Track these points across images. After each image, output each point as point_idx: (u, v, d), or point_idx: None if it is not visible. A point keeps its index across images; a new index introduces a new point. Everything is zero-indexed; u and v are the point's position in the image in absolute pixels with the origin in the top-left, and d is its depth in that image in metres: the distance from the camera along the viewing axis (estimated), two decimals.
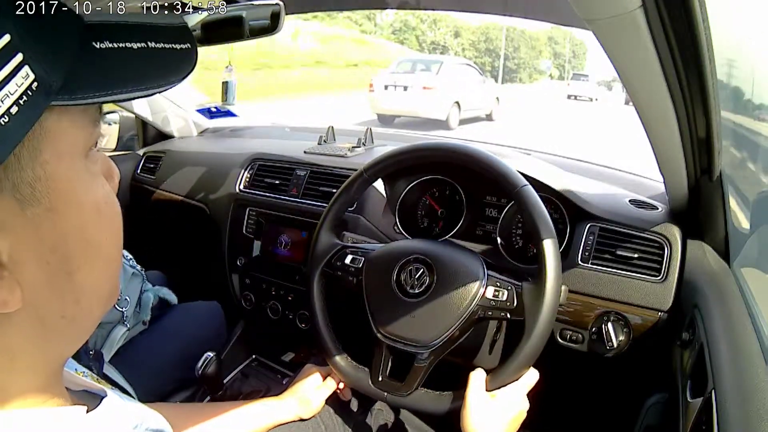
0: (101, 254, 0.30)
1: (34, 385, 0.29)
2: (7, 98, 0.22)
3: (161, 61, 0.29)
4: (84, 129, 0.28)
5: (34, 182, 0.25)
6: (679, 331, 0.70)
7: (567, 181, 0.89)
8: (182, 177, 1.35)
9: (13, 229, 0.25)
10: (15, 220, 0.25)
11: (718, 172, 0.70)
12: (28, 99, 0.23)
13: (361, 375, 0.72)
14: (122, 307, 0.98)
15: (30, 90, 0.23)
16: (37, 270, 0.27)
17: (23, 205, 0.25)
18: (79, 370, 0.39)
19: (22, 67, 0.23)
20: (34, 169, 0.25)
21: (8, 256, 0.25)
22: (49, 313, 0.28)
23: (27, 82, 0.23)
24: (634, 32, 0.41)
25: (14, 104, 0.22)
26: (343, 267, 0.77)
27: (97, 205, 0.29)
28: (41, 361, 0.29)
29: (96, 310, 0.32)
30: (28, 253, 0.26)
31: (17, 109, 0.23)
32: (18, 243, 0.25)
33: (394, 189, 1.00)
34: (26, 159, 0.25)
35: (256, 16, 0.84)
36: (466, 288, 0.67)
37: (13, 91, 0.22)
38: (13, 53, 0.22)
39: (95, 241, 0.29)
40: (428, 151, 0.78)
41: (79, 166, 0.28)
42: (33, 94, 0.23)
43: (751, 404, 0.46)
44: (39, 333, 0.28)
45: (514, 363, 0.64)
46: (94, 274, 0.30)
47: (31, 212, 0.25)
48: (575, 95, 20.03)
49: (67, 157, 0.27)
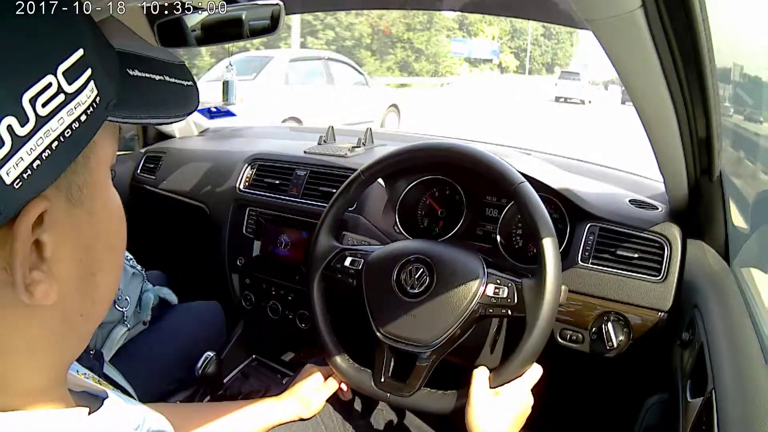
0: (117, 258, 0.33)
1: (41, 385, 0.29)
2: (79, 107, 0.25)
3: (176, 94, 0.33)
4: (114, 144, 0.31)
5: (82, 186, 0.28)
6: (679, 331, 0.70)
7: (567, 181, 0.89)
8: (182, 177, 1.35)
9: (61, 226, 0.27)
10: (63, 219, 0.27)
11: (718, 172, 0.70)
12: (94, 110, 0.26)
13: (363, 376, 0.72)
14: (122, 307, 0.98)
15: (95, 103, 0.26)
16: (71, 268, 0.28)
17: (71, 206, 0.27)
18: (81, 372, 0.39)
19: (90, 81, 0.26)
20: (84, 175, 0.28)
21: (51, 252, 0.26)
22: (71, 311, 0.29)
23: (93, 95, 0.26)
24: (634, 32, 0.41)
25: (84, 113, 0.25)
26: (343, 269, 0.76)
27: (119, 213, 0.32)
28: (56, 359, 0.30)
29: (104, 311, 0.33)
30: (66, 251, 0.28)
31: (85, 118, 0.26)
32: (61, 240, 0.27)
33: (394, 189, 1.00)
34: (81, 164, 0.27)
35: (256, 16, 0.84)
36: (467, 286, 0.67)
37: (84, 102, 0.25)
38: (85, 68, 0.25)
39: (117, 246, 0.32)
40: (426, 151, 0.78)
41: (108, 176, 0.31)
42: (97, 106, 0.26)
43: (751, 404, 0.46)
44: (60, 329, 0.29)
45: (516, 359, 0.64)
46: (109, 277, 0.32)
47: (75, 213, 0.28)
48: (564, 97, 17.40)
49: (104, 166, 0.30)
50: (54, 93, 0.24)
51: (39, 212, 0.24)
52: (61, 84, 0.24)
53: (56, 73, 0.24)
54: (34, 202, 0.24)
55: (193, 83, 0.34)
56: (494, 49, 31.67)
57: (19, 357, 0.28)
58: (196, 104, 0.34)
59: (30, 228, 0.24)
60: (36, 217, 0.25)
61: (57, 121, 0.24)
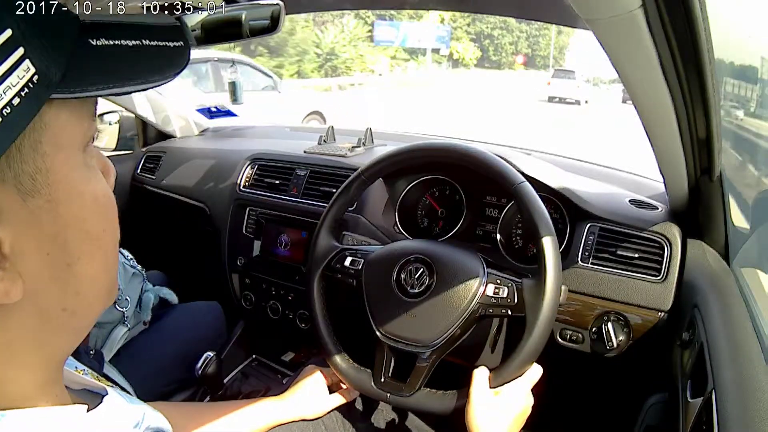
0: (100, 246, 0.31)
1: (34, 383, 0.29)
2: (9, 90, 0.23)
3: (155, 58, 0.30)
4: (81, 123, 0.28)
5: (35, 174, 0.26)
6: (679, 331, 0.70)
7: (567, 181, 0.89)
8: (182, 177, 1.35)
9: (15, 220, 0.25)
10: (17, 211, 0.25)
11: (718, 172, 0.70)
12: (29, 91, 0.24)
13: (363, 376, 0.72)
14: (123, 307, 0.98)
15: (31, 83, 0.24)
16: (38, 261, 0.27)
17: (24, 197, 0.26)
18: (80, 368, 0.39)
19: (23, 60, 0.24)
20: (35, 161, 0.26)
21: (10, 247, 0.25)
22: (50, 306, 0.28)
23: (28, 75, 0.24)
24: (634, 32, 0.41)
25: (16, 96, 0.23)
26: (343, 269, 0.76)
27: (96, 197, 0.30)
28: (42, 357, 0.29)
29: (96, 304, 0.32)
30: (29, 244, 0.26)
31: (19, 101, 0.23)
32: (19, 234, 0.26)
33: (395, 189, 1.01)
34: (27, 151, 0.25)
35: (256, 16, 0.84)
36: (467, 286, 0.67)
37: (15, 83, 0.23)
38: (14, 47, 0.23)
39: (94, 233, 0.30)
40: (426, 151, 0.78)
41: (77, 159, 0.29)
42: (34, 86, 0.24)
43: (751, 404, 0.46)
44: (39, 326, 0.28)
45: (516, 359, 0.64)
46: (93, 266, 0.30)
47: (32, 203, 0.26)
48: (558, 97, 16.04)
49: (66, 149, 0.28)
50: None
51: None
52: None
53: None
54: None
55: (183, 42, 0.31)
56: (441, 35, 24.51)
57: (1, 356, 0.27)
58: (182, 64, 0.31)
59: None
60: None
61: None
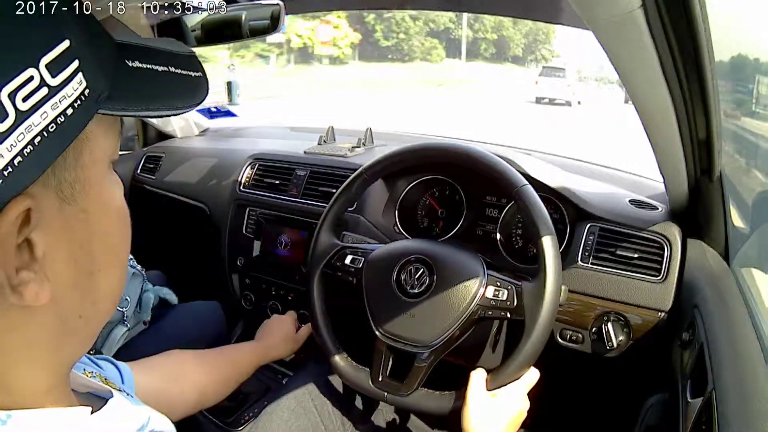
0: (119, 258, 0.32)
1: (44, 385, 0.29)
2: (65, 99, 0.24)
3: (182, 85, 0.32)
4: (113, 140, 0.30)
5: (74, 183, 0.27)
6: (679, 331, 0.70)
7: (567, 181, 0.89)
8: (182, 177, 1.35)
9: (52, 225, 0.26)
10: (54, 217, 0.26)
11: (718, 172, 0.70)
12: (82, 103, 0.25)
13: (361, 375, 0.72)
14: (123, 307, 0.98)
15: (83, 95, 0.25)
16: (66, 267, 0.28)
17: (62, 204, 0.26)
18: (88, 370, 0.39)
19: (78, 73, 0.25)
20: (76, 171, 0.27)
21: (43, 252, 0.26)
22: (70, 312, 0.29)
23: (81, 87, 0.25)
24: (634, 32, 0.41)
25: (70, 106, 0.24)
26: (343, 267, 0.77)
27: (119, 211, 0.32)
28: (55, 360, 0.30)
29: (107, 313, 0.33)
30: (59, 250, 0.27)
31: (72, 111, 0.24)
32: (53, 239, 0.26)
33: (395, 189, 1.01)
34: (71, 160, 0.26)
35: (256, 16, 0.84)
36: (466, 288, 0.67)
37: (70, 94, 0.24)
38: (71, 59, 0.24)
39: (116, 246, 0.31)
40: (428, 151, 0.78)
41: (107, 173, 0.30)
42: (85, 99, 0.25)
43: (751, 404, 0.46)
44: (58, 331, 0.29)
45: (514, 362, 0.64)
46: (111, 278, 0.31)
47: (68, 211, 0.27)
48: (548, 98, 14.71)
49: (100, 163, 0.29)
50: (36, 86, 0.23)
51: (21, 210, 0.24)
52: (44, 77, 0.23)
53: (38, 65, 0.23)
54: (16, 200, 0.23)
55: (202, 74, 0.33)
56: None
57: (17, 357, 0.27)
58: (203, 95, 0.32)
59: (14, 227, 0.24)
60: (21, 216, 0.24)
61: (40, 116, 0.23)
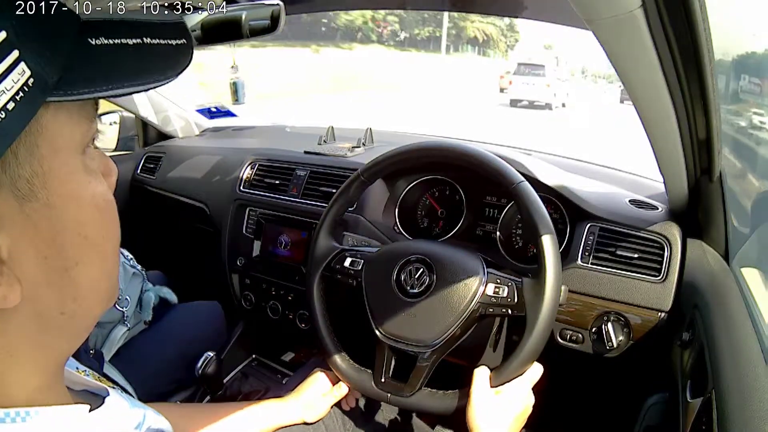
0: (99, 251, 0.30)
1: (35, 384, 0.29)
2: (3, 94, 0.22)
3: (158, 57, 0.29)
4: (80, 125, 0.28)
5: (31, 178, 0.25)
6: (679, 331, 0.70)
7: (567, 181, 0.89)
8: (182, 177, 1.35)
9: (12, 225, 0.25)
10: (14, 217, 0.25)
11: (718, 172, 0.70)
12: (25, 95, 0.23)
13: (363, 377, 0.72)
14: (123, 306, 0.98)
15: (26, 86, 0.23)
16: (36, 266, 0.27)
17: (21, 202, 0.25)
18: (81, 369, 0.39)
19: (18, 63, 0.23)
20: (32, 165, 0.25)
21: (7, 252, 0.25)
22: (48, 310, 0.28)
23: (23, 78, 0.23)
24: (634, 32, 0.41)
25: (10, 100, 0.23)
26: (343, 270, 0.76)
27: (95, 201, 0.29)
28: (41, 358, 0.29)
29: (95, 307, 0.31)
30: (26, 249, 0.26)
31: (14, 105, 0.23)
32: (17, 239, 0.25)
33: (395, 189, 1.01)
34: (24, 155, 0.25)
35: (256, 16, 0.84)
36: (467, 286, 0.67)
37: (9, 88, 0.23)
38: (8, 50, 0.23)
39: (92, 238, 0.29)
40: (425, 151, 0.78)
41: (76, 162, 0.28)
42: (29, 90, 0.23)
43: (751, 404, 0.46)
44: (38, 329, 0.28)
45: (517, 358, 0.64)
46: (91, 271, 0.30)
47: (28, 208, 0.25)
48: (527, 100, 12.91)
49: (64, 153, 0.27)
50: None
51: None
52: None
53: None
54: None
55: (186, 40, 0.30)
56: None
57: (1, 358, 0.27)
58: (184, 64, 0.30)
59: None
60: None
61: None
